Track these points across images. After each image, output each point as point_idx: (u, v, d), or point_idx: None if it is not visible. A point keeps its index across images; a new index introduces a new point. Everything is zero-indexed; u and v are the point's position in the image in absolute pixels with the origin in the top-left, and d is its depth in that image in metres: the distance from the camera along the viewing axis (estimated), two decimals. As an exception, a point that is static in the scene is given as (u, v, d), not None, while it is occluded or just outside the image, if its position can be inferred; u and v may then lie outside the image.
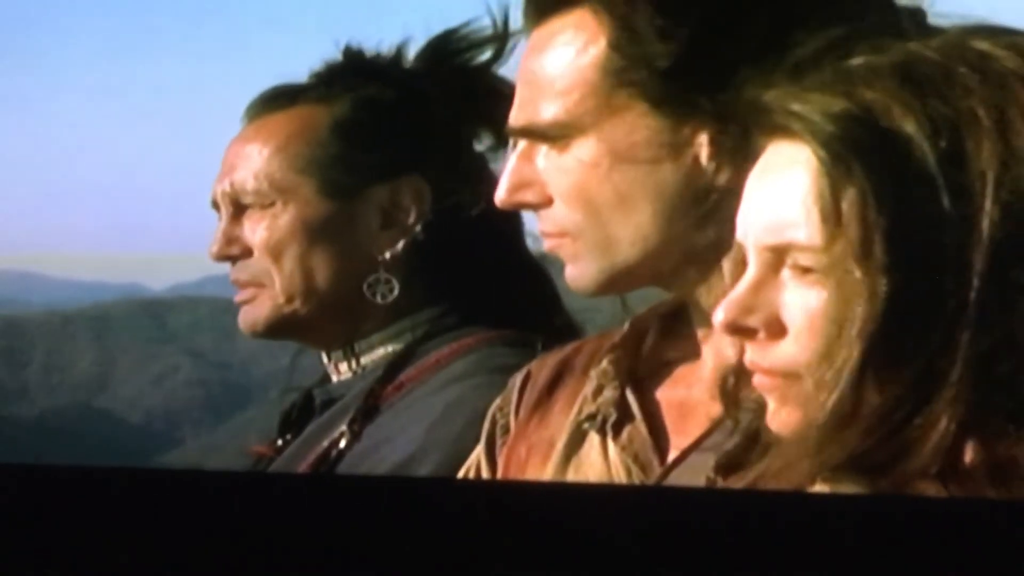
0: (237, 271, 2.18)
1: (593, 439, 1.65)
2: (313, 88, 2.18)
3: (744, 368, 1.36)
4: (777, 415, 1.32)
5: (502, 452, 1.78)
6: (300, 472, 2.07)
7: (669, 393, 1.65)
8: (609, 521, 1.02)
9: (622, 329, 1.70)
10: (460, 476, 1.83)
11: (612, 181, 1.57)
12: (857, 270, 1.24)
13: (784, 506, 1.10)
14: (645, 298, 1.70)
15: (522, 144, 1.64)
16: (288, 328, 2.17)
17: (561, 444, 1.68)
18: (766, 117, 1.33)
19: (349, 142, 2.14)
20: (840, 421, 1.24)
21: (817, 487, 1.25)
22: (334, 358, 2.20)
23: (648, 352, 1.68)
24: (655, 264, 1.59)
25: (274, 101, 2.18)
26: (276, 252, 2.13)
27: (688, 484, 1.52)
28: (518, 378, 1.81)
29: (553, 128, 1.59)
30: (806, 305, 1.29)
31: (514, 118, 1.64)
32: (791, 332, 1.30)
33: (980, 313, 1.22)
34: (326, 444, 2.12)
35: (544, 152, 1.61)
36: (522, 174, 1.63)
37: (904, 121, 1.25)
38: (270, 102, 2.19)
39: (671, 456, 1.60)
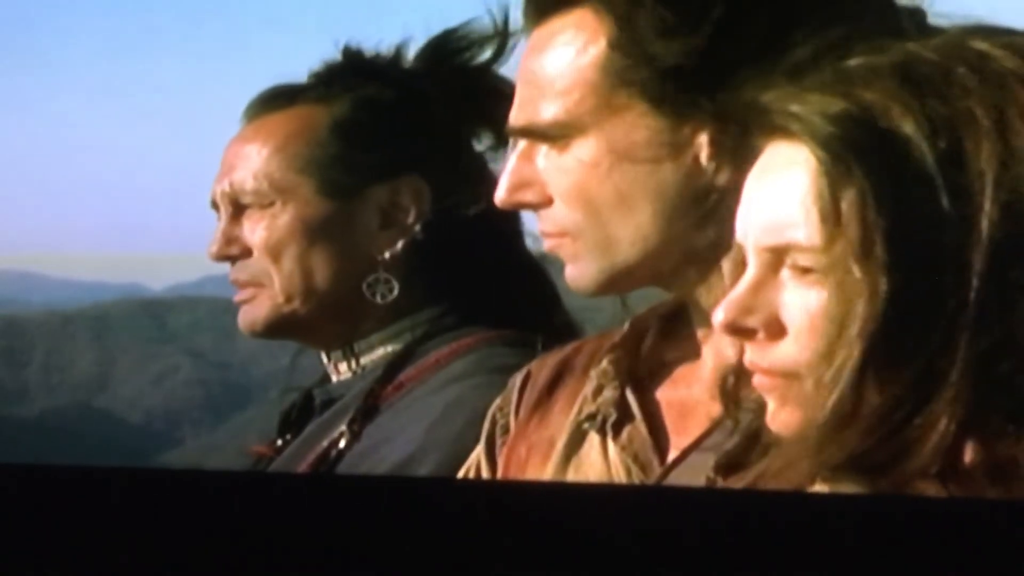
0: (236, 271, 2.17)
1: (593, 439, 1.65)
2: (312, 88, 2.18)
3: (744, 368, 1.36)
4: (777, 416, 1.32)
5: (502, 452, 1.78)
6: (300, 472, 2.07)
7: (669, 393, 1.65)
8: (609, 521, 1.02)
9: (622, 329, 1.70)
10: (460, 476, 1.83)
11: (612, 181, 1.57)
12: (857, 270, 1.24)
13: (784, 506, 1.10)
14: (645, 298, 1.70)
15: (522, 144, 1.64)
16: (287, 328, 2.17)
17: (561, 444, 1.68)
18: (765, 118, 1.33)
19: (348, 142, 2.14)
20: (840, 421, 1.24)
21: (817, 487, 1.25)
22: (334, 358, 2.20)
23: (648, 352, 1.68)
24: (655, 264, 1.59)
25: (273, 101, 2.18)
26: (275, 252, 2.13)
27: (688, 484, 1.52)
28: (518, 378, 1.81)
29: (553, 128, 1.59)
30: (806, 305, 1.29)
31: (514, 118, 1.64)
32: (791, 332, 1.30)
33: (980, 313, 1.22)
34: (326, 444, 2.11)
35: (544, 152, 1.61)
36: (522, 174, 1.63)
37: (903, 121, 1.25)
38: (269, 102, 2.18)
39: (671, 456, 1.60)
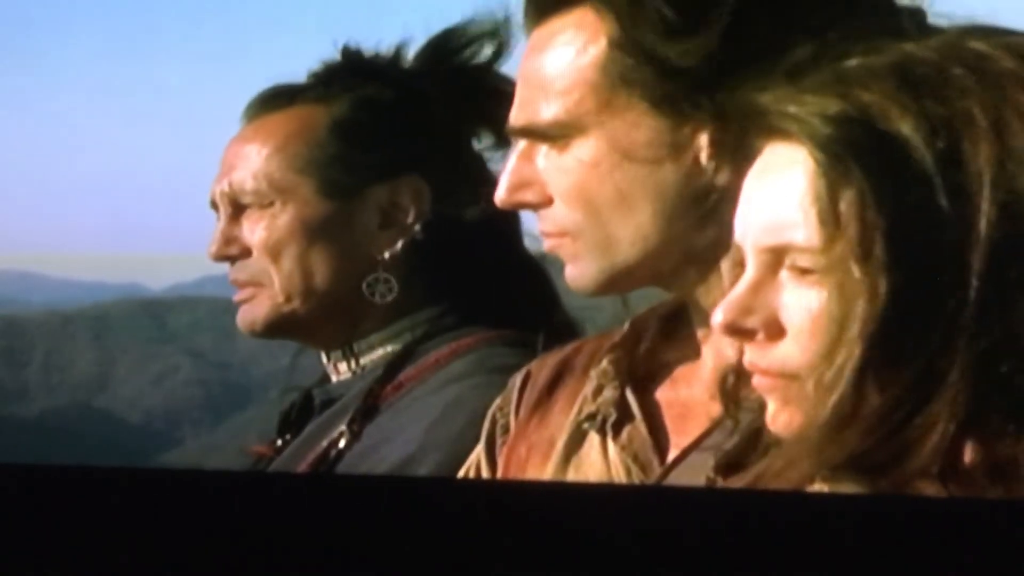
0: (236, 271, 2.17)
1: (593, 439, 1.65)
2: (312, 88, 2.18)
3: (744, 368, 1.36)
4: (778, 417, 1.32)
5: (502, 452, 1.78)
6: (300, 472, 2.07)
7: (669, 393, 1.65)
8: (609, 521, 1.02)
9: (622, 329, 1.70)
10: (460, 476, 1.83)
11: (612, 181, 1.57)
12: (856, 271, 1.24)
13: (784, 506, 1.10)
14: (645, 298, 1.70)
15: (522, 144, 1.64)
16: (287, 327, 2.17)
17: (561, 444, 1.68)
18: (763, 119, 1.33)
19: (348, 142, 2.14)
20: (840, 421, 1.24)
21: (817, 487, 1.25)
22: (333, 358, 2.20)
23: (648, 352, 1.68)
24: (655, 264, 1.59)
25: (273, 101, 2.18)
26: (275, 252, 2.13)
27: (688, 484, 1.52)
28: (518, 378, 1.81)
29: (553, 128, 1.59)
30: (805, 306, 1.29)
31: (514, 118, 1.64)
32: (790, 333, 1.30)
33: (979, 313, 1.22)
34: (325, 444, 2.11)
35: (544, 152, 1.61)
36: (522, 174, 1.63)
37: (901, 122, 1.25)
38: (269, 102, 2.18)
39: (671, 456, 1.60)
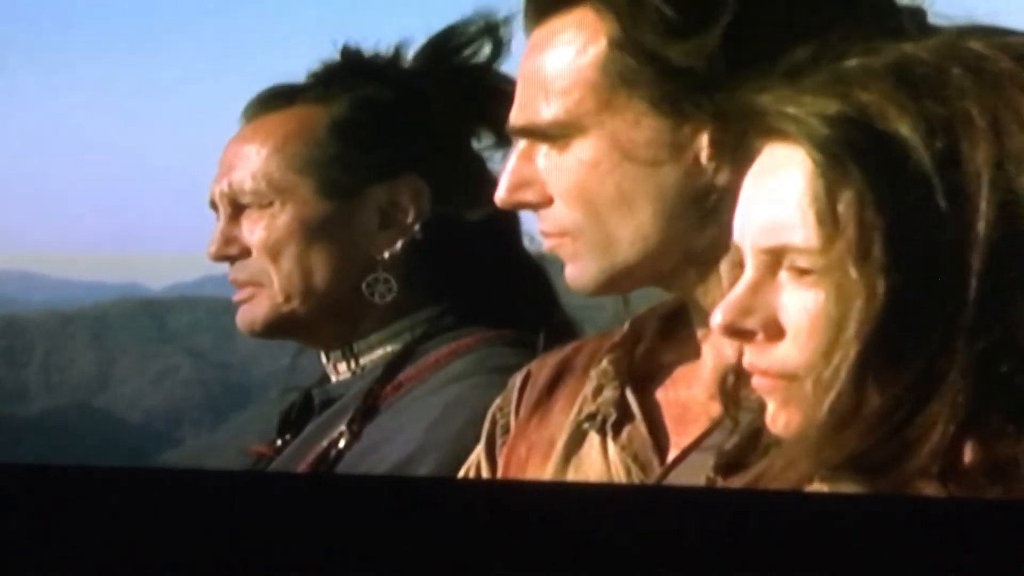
0: (236, 271, 2.17)
1: (593, 439, 1.65)
2: (311, 88, 2.18)
3: (744, 368, 1.36)
4: (777, 417, 1.32)
5: (502, 452, 1.78)
6: (299, 472, 2.07)
7: (669, 393, 1.65)
8: (609, 521, 1.02)
9: (622, 329, 1.70)
10: (460, 476, 1.83)
11: (612, 181, 1.57)
12: (854, 271, 1.24)
13: (784, 506, 1.10)
14: (645, 298, 1.70)
15: (522, 144, 1.64)
16: (286, 327, 2.17)
17: (561, 444, 1.68)
18: (761, 120, 1.33)
19: (347, 142, 2.14)
20: (840, 422, 1.24)
21: (817, 487, 1.25)
22: (333, 358, 2.20)
23: (648, 352, 1.68)
24: (655, 264, 1.59)
25: (272, 101, 2.18)
26: (274, 252, 2.13)
27: (688, 484, 1.52)
28: (518, 378, 1.81)
29: (553, 128, 1.59)
30: (804, 306, 1.29)
31: (514, 118, 1.64)
32: (789, 333, 1.30)
33: (978, 313, 1.22)
34: (325, 444, 2.11)
35: (544, 152, 1.61)
36: (522, 174, 1.63)
37: (899, 123, 1.25)
38: (268, 102, 2.18)
39: (671, 456, 1.60)
